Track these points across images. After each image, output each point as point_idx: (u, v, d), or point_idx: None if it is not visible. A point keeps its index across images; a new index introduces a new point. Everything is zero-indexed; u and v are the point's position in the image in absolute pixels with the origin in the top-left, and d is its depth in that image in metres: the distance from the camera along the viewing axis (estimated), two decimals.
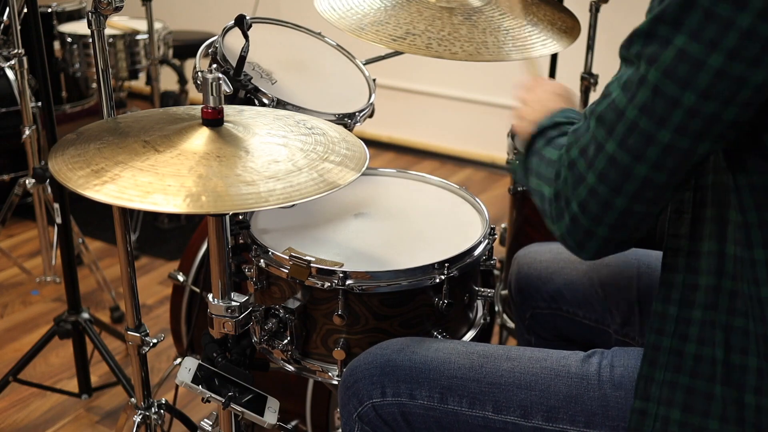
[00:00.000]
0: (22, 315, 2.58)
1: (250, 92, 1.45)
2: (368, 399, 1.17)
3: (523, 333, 1.60)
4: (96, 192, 1.03)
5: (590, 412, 1.09)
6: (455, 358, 1.16)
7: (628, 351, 1.13)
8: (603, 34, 2.15)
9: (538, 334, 1.57)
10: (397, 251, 1.39)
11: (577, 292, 1.44)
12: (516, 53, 1.53)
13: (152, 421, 1.49)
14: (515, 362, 1.14)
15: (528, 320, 1.55)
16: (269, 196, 1.04)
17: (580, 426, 1.09)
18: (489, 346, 1.20)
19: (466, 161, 3.98)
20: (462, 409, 1.14)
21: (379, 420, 1.18)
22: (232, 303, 1.25)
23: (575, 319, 1.46)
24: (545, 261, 1.50)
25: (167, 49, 3.33)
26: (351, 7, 1.57)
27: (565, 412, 1.10)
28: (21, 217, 3.05)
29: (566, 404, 1.10)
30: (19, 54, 2.07)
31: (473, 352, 1.17)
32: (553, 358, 1.14)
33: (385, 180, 1.67)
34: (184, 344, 1.94)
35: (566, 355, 1.15)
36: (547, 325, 1.52)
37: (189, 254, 1.92)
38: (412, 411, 1.16)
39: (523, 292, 1.53)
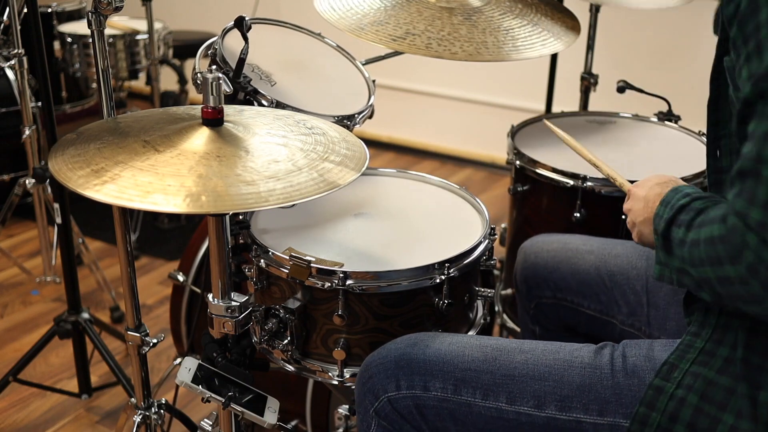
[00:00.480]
0: (22, 315, 2.58)
1: (250, 94, 1.45)
2: (384, 393, 1.18)
3: (527, 323, 1.61)
4: (96, 192, 1.03)
5: (604, 400, 1.10)
6: (468, 351, 1.18)
7: (639, 343, 1.14)
8: (603, 34, 2.15)
9: (543, 325, 1.58)
10: (397, 251, 1.39)
11: (583, 282, 1.45)
12: (516, 53, 1.54)
13: (152, 421, 1.49)
14: (528, 354, 1.16)
15: (533, 310, 1.56)
16: (269, 196, 1.04)
17: (593, 414, 1.10)
18: (502, 340, 1.21)
19: (466, 161, 3.98)
20: (476, 401, 1.15)
21: (396, 414, 1.18)
22: (232, 303, 1.25)
23: (579, 310, 1.47)
24: (552, 251, 1.51)
25: (167, 49, 3.33)
26: (351, 7, 1.57)
27: (578, 401, 1.11)
28: (21, 217, 3.04)
29: (579, 393, 1.11)
30: (19, 54, 2.07)
31: (486, 345, 1.19)
32: (566, 350, 1.16)
33: (385, 180, 1.67)
34: (184, 344, 1.94)
35: (579, 347, 1.17)
36: (552, 315, 1.53)
37: (189, 254, 1.92)
38: (427, 403, 1.17)
39: (528, 281, 1.54)
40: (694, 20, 3.30)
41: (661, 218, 1.03)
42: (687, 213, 0.99)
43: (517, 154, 1.87)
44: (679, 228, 0.99)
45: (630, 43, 3.45)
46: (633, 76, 2.01)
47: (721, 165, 1.10)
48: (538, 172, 1.80)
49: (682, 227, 0.98)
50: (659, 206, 1.05)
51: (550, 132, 1.54)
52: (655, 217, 1.04)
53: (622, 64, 3.33)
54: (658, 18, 3.39)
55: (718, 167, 1.11)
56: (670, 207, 1.02)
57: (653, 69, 3.40)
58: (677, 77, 3.33)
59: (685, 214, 0.99)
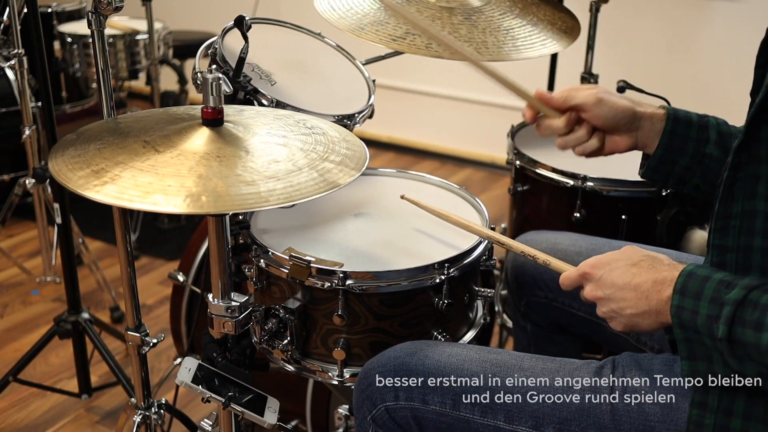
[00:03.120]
0: (22, 315, 2.58)
1: (250, 93, 1.45)
2: (382, 402, 1.18)
3: (519, 320, 1.60)
4: (96, 192, 1.03)
5: (602, 425, 1.09)
6: (468, 365, 1.17)
7: (640, 359, 1.13)
8: (603, 34, 2.15)
9: (534, 322, 1.57)
10: (397, 251, 1.39)
11: None
12: (516, 53, 1.54)
13: (152, 421, 1.49)
14: (528, 372, 1.15)
15: (524, 308, 1.55)
16: (269, 196, 1.04)
17: None
18: (502, 354, 1.20)
19: (466, 161, 3.98)
20: (474, 417, 1.14)
21: (393, 423, 1.18)
22: (232, 303, 1.25)
23: (571, 312, 1.46)
24: (542, 251, 1.50)
25: (167, 49, 3.33)
26: (351, 7, 1.57)
27: (577, 424, 1.10)
28: (21, 217, 3.04)
29: (578, 416, 1.10)
30: (19, 54, 2.07)
31: (486, 360, 1.17)
32: (565, 369, 1.15)
33: (385, 180, 1.67)
34: (184, 344, 1.94)
35: (579, 366, 1.15)
36: (543, 313, 1.53)
37: (189, 254, 1.92)
38: (425, 416, 1.17)
39: (518, 279, 1.54)
40: (695, 20, 3.31)
41: (711, 318, 0.96)
42: (753, 310, 0.93)
43: (517, 154, 1.87)
44: (747, 329, 0.93)
45: (630, 42, 3.45)
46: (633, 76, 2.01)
47: (731, 210, 1.03)
48: (538, 172, 1.80)
49: (756, 330, 0.92)
50: (687, 299, 0.99)
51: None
52: (691, 314, 0.98)
53: (622, 64, 3.33)
54: (658, 18, 3.39)
55: (728, 212, 1.03)
56: (717, 303, 0.95)
57: (653, 69, 3.40)
58: (677, 77, 3.33)
59: (751, 313, 0.93)
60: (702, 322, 0.97)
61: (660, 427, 1.07)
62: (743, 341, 0.93)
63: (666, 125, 1.29)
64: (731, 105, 1.53)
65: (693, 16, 3.33)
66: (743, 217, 1.01)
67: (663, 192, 1.72)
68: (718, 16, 3.27)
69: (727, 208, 1.04)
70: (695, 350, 1.00)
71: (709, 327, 0.96)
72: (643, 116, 1.29)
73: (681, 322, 0.99)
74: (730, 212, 1.03)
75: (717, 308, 0.95)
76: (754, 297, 0.93)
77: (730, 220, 1.03)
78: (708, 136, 1.29)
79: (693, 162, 1.30)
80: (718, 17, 3.26)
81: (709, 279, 0.98)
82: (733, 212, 1.03)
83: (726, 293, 0.95)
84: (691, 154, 1.30)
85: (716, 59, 3.26)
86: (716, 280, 0.98)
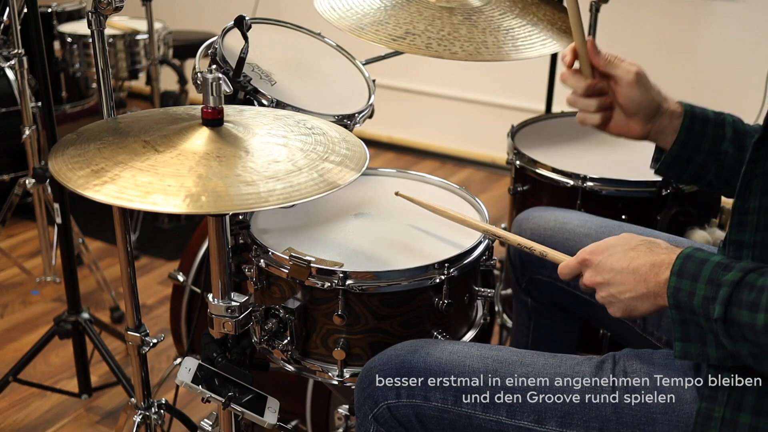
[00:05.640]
0: (22, 315, 2.58)
1: (250, 93, 1.45)
2: (383, 400, 1.18)
3: (519, 294, 1.60)
4: (96, 192, 1.03)
5: (604, 418, 1.10)
6: (469, 361, 1.17)
7: (641, 355, 1.14)
8: (603, 34, 2.14)
9: (535, 298, 1.57)
10: (397, 251, 1.39)
11: None
12: (516, 53, 1.54)
13: (152, 421, 1.49)
14: (529, 368, 1.15)
15: (525, 284, 1.55)
16: (269, 196, 1.04)
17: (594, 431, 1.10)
18: (503, 350, 1.20)
19: (466, 161, 3.98)
20: (476, 413, 1.14)
21: (394, 421, 1.18)
22: (232, 303, 1.25)
23: (574, 293, 1.46)
24: (549, 229, 1.50)
25: (167, 49, 3.33)
26: (351, 7, 1.57)
27: (579, 418, 1.11)
28: (21, 217, 3.04)
29: (580, 410, 1.11)
30: (19, 54, 2.07)
31: (488, 357, 1.18)
32: (567, 365, 1.15)
33: (385, 180, 1.67)
34: (184, 344, 1.94)
35: (580, 361, 1.16)
36: (545, 291, 1.53)
37: (189, 254, 1.92)
38: (427, 413, 1.16)
39: (522, 256, 1.53)
40: (695, 20, 3.31)
41: (707, 299, 0.96)
42: (750, 292, 0.93)
43: (517, 154, 1.87)
44: (743, 310, 0.93)
45: (630, 42, 3.44)
46: None
47: (748, 206, 1.03)
48: (538, 172, 1.80)
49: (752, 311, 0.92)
50: (684, 281, 1.00)
51: (550, 132, 1.54)
52: (687, 295, 0.99)
53: None
54: (658, 18, 3.39)
55: (746, 208, 1.03)
56: (714, 285, 0.96)
57: (653, 69, 3.39)
58: (677, 77, 3.33)
59: (747, 294, 0.94)
60: (698, 303, 0.98)
61: (663, 419, 1.08)
62: (739, 322, 0.94)
63: (683, 122, 1.30)
64: (731, 105, 1.53)
65: (693, 16, 3.33)
66: (761, 212, 1.01)
67: (663, 192, 1.72)
68: (718, 16, 3.27)
69: (744, 203, 1.04)
70: (690, 332, 1.01)
71: (705, 307, 0.97)
72: (665, 112, 1.31)
73: (677, 303, 1.00)
74: (748, 207, 1.03)
75: (714, 289, 0.96)
76: (751, 279, 0.94)
77: (748, 215, 1.03)
78: (724, 134, 1.30)
79: (708, 159, 1.31)
80: (718, 17, 3.26)
81: (706, 261, 0.99)
82: (750, 208, 1.03)
83: (723, 275, 0.96)
84: (706, 151, 1.30)
85: (716, 59, 3.26)
86: (713, 263, 0.99)
